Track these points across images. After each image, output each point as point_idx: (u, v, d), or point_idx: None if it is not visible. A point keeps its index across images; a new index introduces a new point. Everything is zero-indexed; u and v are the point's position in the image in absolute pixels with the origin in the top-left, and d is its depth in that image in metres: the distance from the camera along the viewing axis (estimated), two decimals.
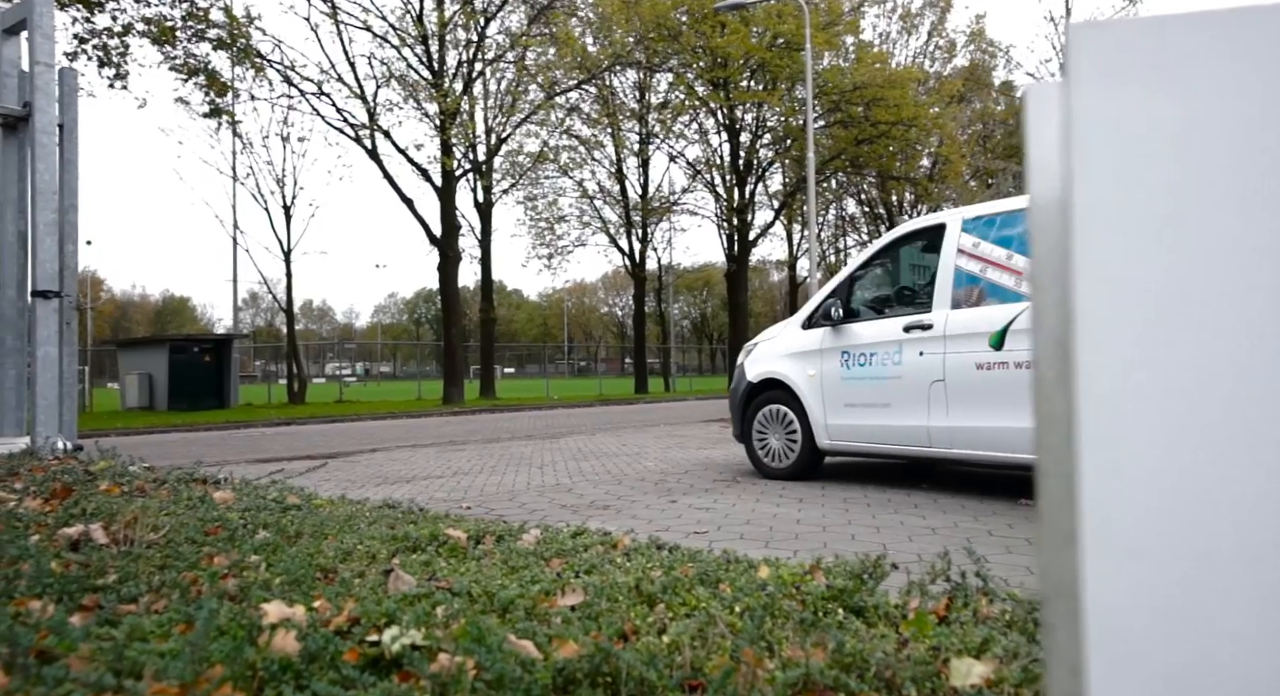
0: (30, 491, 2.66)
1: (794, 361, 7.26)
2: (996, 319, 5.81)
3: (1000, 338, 5.74)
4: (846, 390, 6.79)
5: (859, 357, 6.74)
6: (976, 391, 5.92)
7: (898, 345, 6.44)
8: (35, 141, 4.38)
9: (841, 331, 6.87)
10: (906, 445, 6.40)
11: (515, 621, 1.51)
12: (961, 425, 6.01)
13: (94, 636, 1.39)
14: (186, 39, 18.62)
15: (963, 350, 6.01)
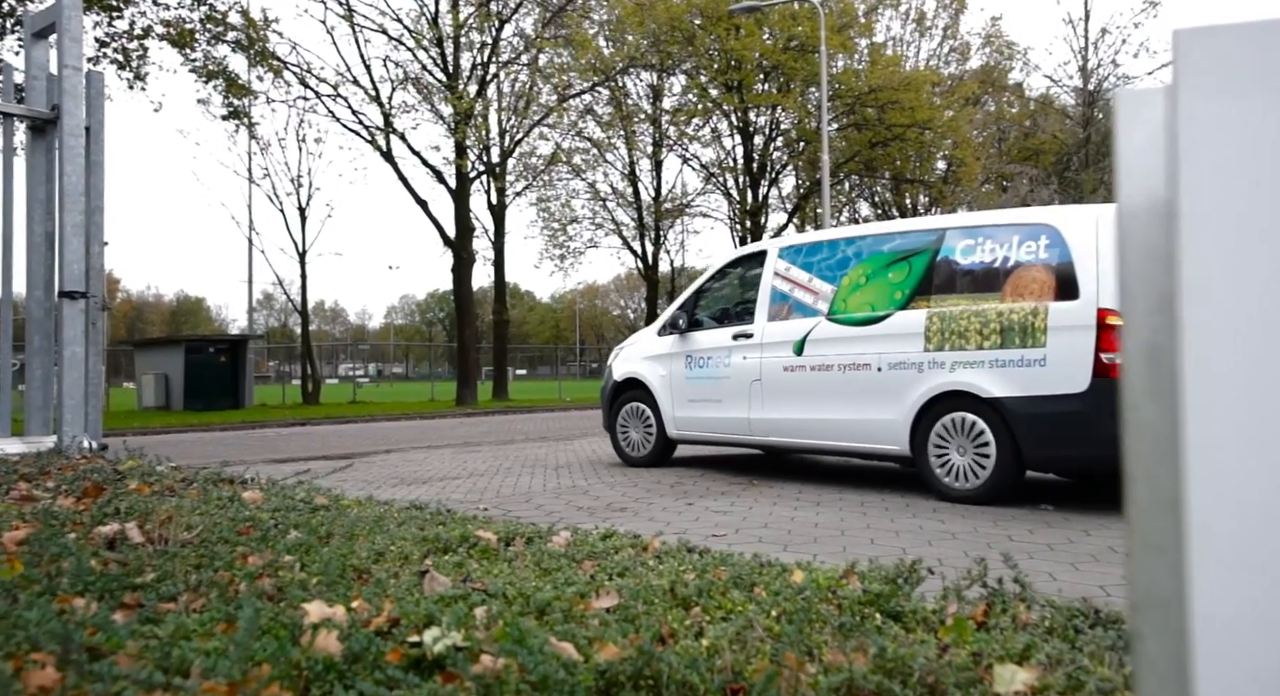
0: (62, 490, 2.68)
1: (650, 363, 8.30)
2: (799, 330, 7.05)
3: (800, 346, 7.01)
4: (689, 388, 7.87)
5: (699, 361, 7.82)
6: (783, 389, 7.12)
7: (727, 350, 7.57)
8: (63, 144, 4.42)
9: (687, 338, 7.97)
10: (733, 434, 7.58)
11: (553, 623, 1.51)
12: (773, 417, 7.22)
13: (138, 634, 1.40)
14: (206, 42, 18.74)
15: (774, 355, 7.19)
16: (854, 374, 6.72)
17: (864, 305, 6.79)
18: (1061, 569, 4.05)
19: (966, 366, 6.09)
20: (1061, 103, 17.76)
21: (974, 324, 6.11)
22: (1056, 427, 5.69)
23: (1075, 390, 5.59)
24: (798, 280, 7.19)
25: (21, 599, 1.51)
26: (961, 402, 6.13)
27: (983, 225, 6.42)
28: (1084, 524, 5.25)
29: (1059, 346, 5.69)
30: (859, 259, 6.95)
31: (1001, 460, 5.92)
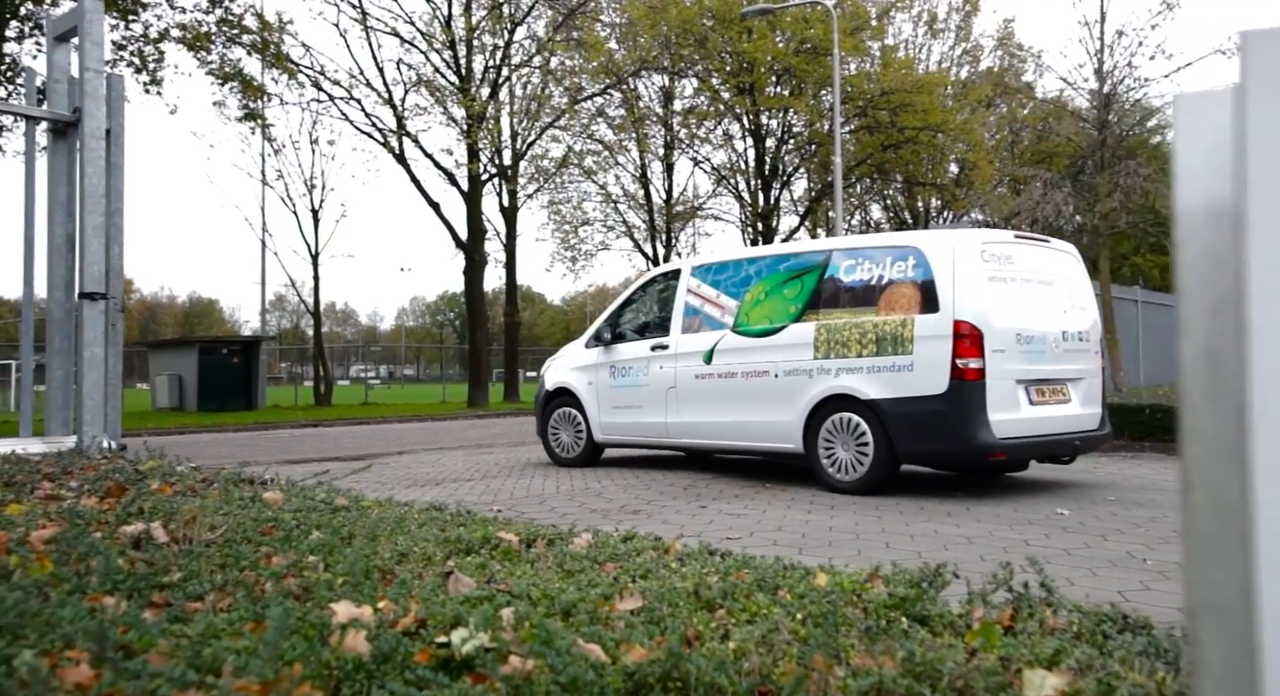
0: (85, 489, 2.70)
1: (578, 373, 8.93)
2: (708, 342, 7.73)
3: (710, 355, 7.69)
4: (613, 395, 8.47)
5: (621, 370, 8.44)
6: (695, 395, 7.79)
7: (646, 361, 8.21)
8: (84, 146, 4.45)
9: (611, 350, 8.59)
10: (653, 437, 8.22)
11: (579, 625, 1.51)
12: (687, 421, 7.87)
13: (168, 633, 1.41)
14: (221, 44, 18.86)
15: (687, 365, 7.86)
16: (755, 380, 7.40)
17: (764, 318, 7.46)
18: (1079, 574, 4.03)
19: (849, 372, 6.83)
20: (1075, 105, 17.70)
21: (854, 334, 6.84)
22: (922, 424, 6.44)
23: (936, 391, 6.34)
24: (707, 296, 7.90)
25: (53, 597, 1.53)
26: (845, 404, 6.84)
27: (862, 247, 7.21)
28: (1100, 529, 5.23)
29: (923, 353, 6.42)
30: (759, 277, 7.63)
31: (878, 454, 6.62)
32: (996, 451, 6.36)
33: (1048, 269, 7.04)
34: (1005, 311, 6.51)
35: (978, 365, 6.31)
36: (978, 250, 6.62)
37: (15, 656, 1.20)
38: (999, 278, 6.59)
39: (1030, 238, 7.36)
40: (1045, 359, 6.73)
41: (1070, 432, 6.84)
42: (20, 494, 2.54)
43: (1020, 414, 6.51)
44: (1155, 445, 9.60)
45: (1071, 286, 7.18)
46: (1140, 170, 12.72)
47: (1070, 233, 22.92)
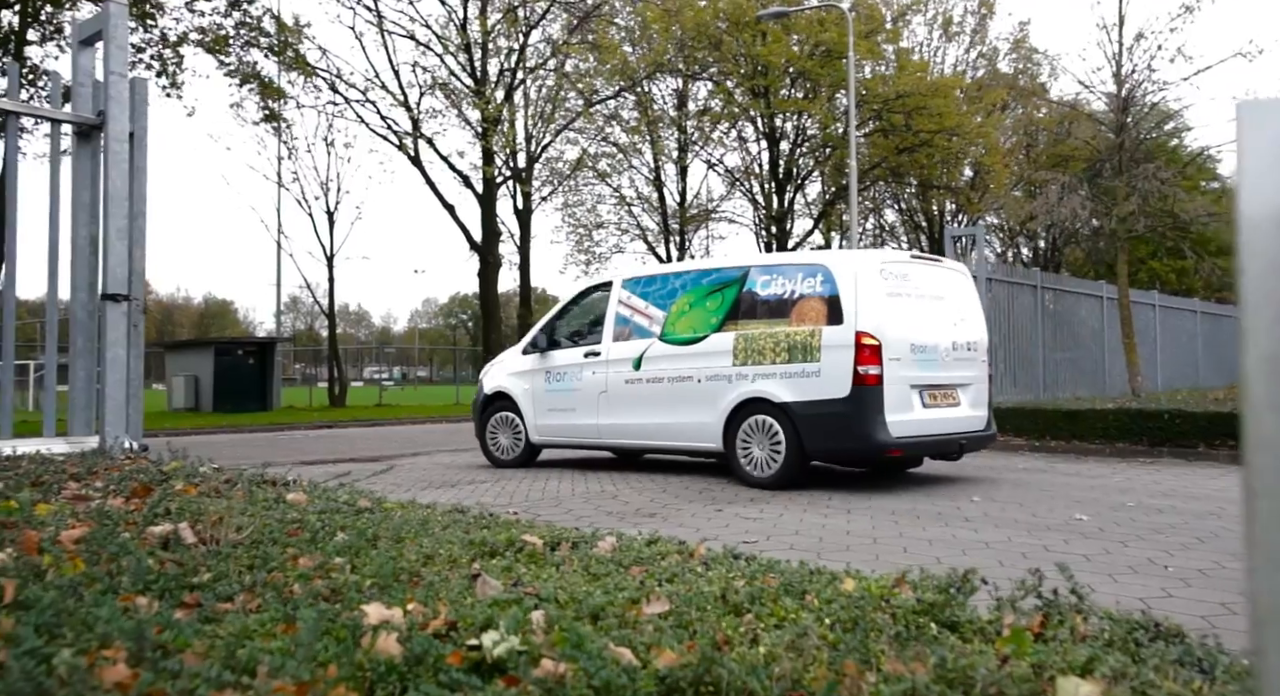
0: (110, 490, 2.72)
1: (515, 379, 9.33)
2: (638, 349, 8.26)
3: (639, 362, 8.22)
4: (549, 399, 8.91)
5: (556, 375, 8.89)
6: (625, 399, 8.29)
7: (580, 367, 8.68)
8: (108, 149, 4.48)
9: (546, 356, 9.04)
10: (586, 438, 8.69)
11: (609, 628, 1.52)
12: (617, 423, 8.37)
13: (202, 633, 1.42)
14: (239, 47, 18.99)
15: (618, 371, 8.35)
16: (680, 385, 7.96)
17: (688, 328, 8.07)
18: (1100, 580, 4.00)
19: (764, 377, 7.44)
20: (1092, 108, 17.58)
21: (769, 343, 7.46)
22: (828, 425, 7.10)
23: (841, 395, 7.02)
24: (637, 307, 8.46)
25: (87, 596, 1.54)
26: (760, 407, 7.44)
27: (776, 264, 7.90)
28: (1119, 535, 5.19)
29: (829, 361, 7.10)
30: (685, 290, 8.24)
31: (790, 452, 7.23)
32: (893, 448, 7.08)
33: (940, 286, 7.77)
34: (901, 323, 7.22)
35: (876, 371, 7.00)
36: (877, 268, 7.37)
37: (54, 655, 1.22)
38: (896, 293, 7.31)
39: (924, 257, 8.13)
40: (936, 366, 7.47)
41: (959, 433, 7.57)
42: (48, 494, 2.56)
43: (914, 415, 7.23)
44: (1174, 450, 9.54)
45: (961, 302, 7.92)
46: (1159, 174, 12.63)
47: (1087, 236, 22.80)
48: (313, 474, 6.56)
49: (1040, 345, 12.90)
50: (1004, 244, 38.69)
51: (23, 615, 1.40)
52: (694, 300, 8.09)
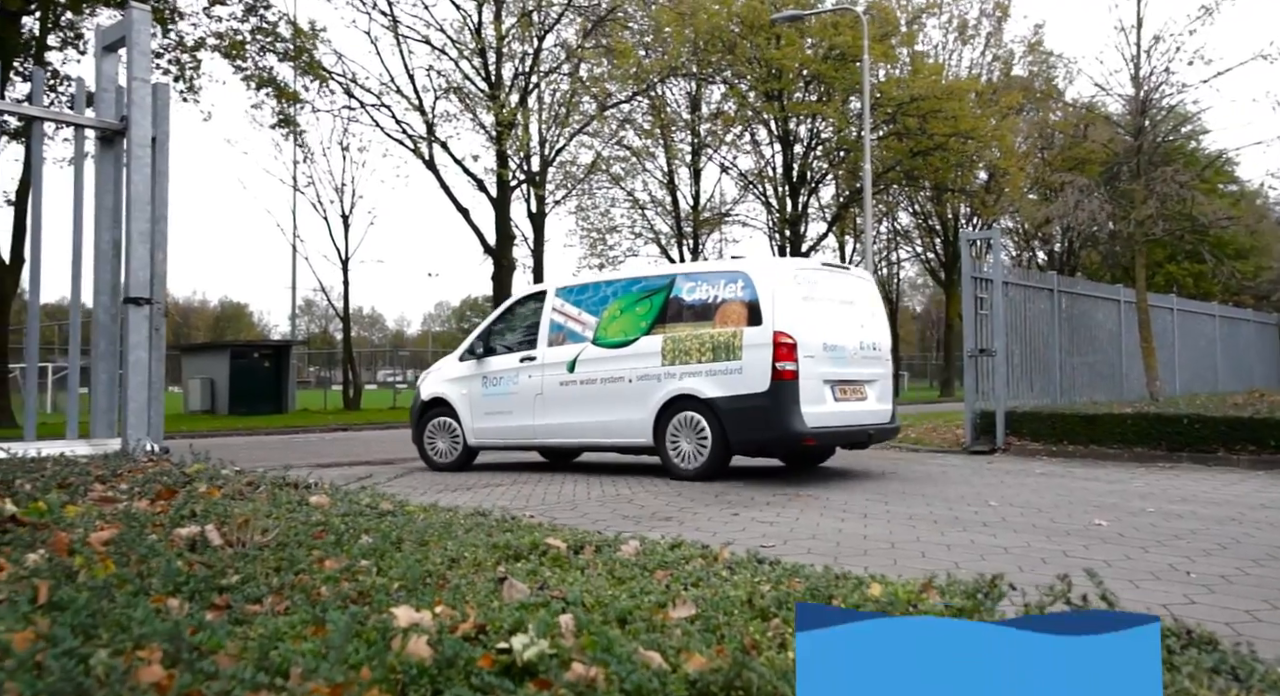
0: (135, 492, 2.74)
1: (452, 385, 9.66)
2: (571, 353, 8.76)
3: (573, 365, 8.71)
4: (486, 403, 9.27)
5: (493, 380, 9.28)
6: (560, 400, 8.76)
7: (516, 371, 9.13)
8: (131, 154, 4.52)
9: (483, 362, 9.45)
10: (523, 439, 9.10)
11: (637, 632, 1.52)
12: (553, 423, 8.81)
13: (233, 635, 1.43)
14: (256, 52, 19.12)
15: (553, 374, 8.82)
16: (612, 385, 8.46)
17: (619, 332, 8.60)
18: (1121, 586, 3.97)
19: (691, 376, 8.04)
20: (1108, 111, 17.49)
21: (695, 344, 8.06)
22: (749, 417, 7.72)
23: (761, 390, 7.65)
24: (570, 314, 8.98)
25: (119, 598, 1.55)
26: (688, 403, 8.03)
27: (700, 272, 8.57)
28: (1139, 541, 5.15)
29: (750, 359, 7.73)
30: (615, 297, 8.77)
31: (715, 445, 7.86)
32: (808, 438, 7.71)
33: (848, 291, 8.52)
34: (814, 324, 7.89)
35: (792, 368, 7.64)
36: (792, 275, 8.10)
37: (91, 655, 1.23)
38: (809, 297, 8.00)
39: (834, 265, 8.98)
40: (846, 363, 8.15)
41: (866, 424, 8.32)
42: (74, 495, 2.59)
43: (826, 408, 7.92)
44: (1193, 456, 9.46)
45: (868, 306, 8.69)
46: (1178, 177, 12.54)
47: (1104, 239, 22.64)
48: (330, 476, 6.60)
49: (1057, 349, 12.83)
50: (1019, 247, 38.51)
51: (58, 615, 1.42)
52: (624, 306, 8.68)
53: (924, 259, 41.53)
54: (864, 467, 9.32)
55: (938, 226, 37.56)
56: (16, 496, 2.44)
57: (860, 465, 9.58)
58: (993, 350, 11.25)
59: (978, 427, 11.24)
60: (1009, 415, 11.08)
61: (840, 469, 9.19)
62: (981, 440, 11.13)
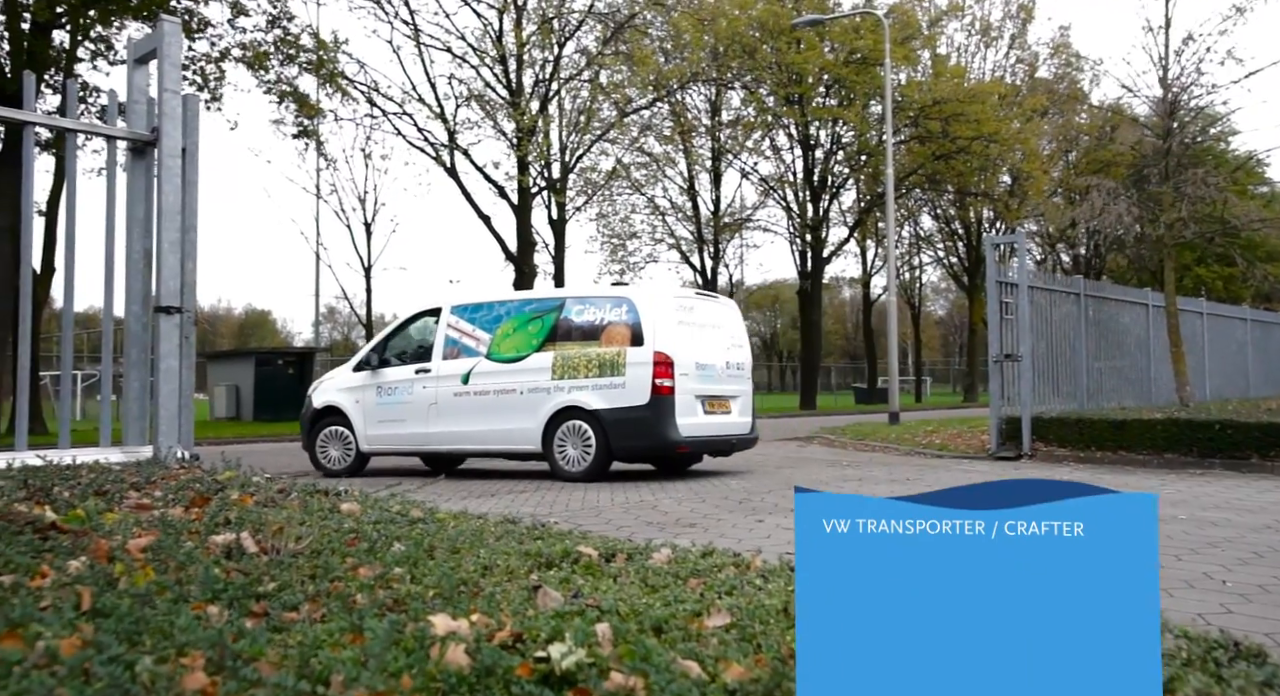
0: (169, 499, 2.77)
1: (346, 394, 10.14)
2: (466, 367, 9.44)
3: (467, 377, 9.39)
4: (379, 412, 9.82)
5: (388, 390, 9.84)
6: (454, 410, 9.41)
7: (411, 382, 9.73)
8: (162, 164, 4.57)
9: (378, 373, 9.98)
10: (415, 445, 9.73)
11: (673, 641, 1.51)
12: (446, 431, 9.45)
13: (273, 642, 1.44)
14: (279, 63, 19.30)
15: (447, 385, 9.47)
16: (504, 397, 9.21)
17: (512, 348, 9.35)
18: None
19: (578, 389, 8.89)
20: (1135, 112, 17.30)
21: (583, 361, 8.92)
22: (631, 427, 8.65)
23: (642, 403, 8.62)
24: (465, 330, 9.65)
25: (160, 604, 1.57)
26: (575, 414, 8.88)
27: (588, 295, 9.43)
28: (1172, 549, 5.08)
29: (632, 375, 8.68)
30: (509, 316, 9.53)
31: (599, 451, 8.74)
32: (682, 445, 8.80)
33: (717, 317, 9.55)
34: (688, 346, 8.92)
35: (670, 384, 8.64)
36: (671, 302, 9.13)
37: (137, 662, 1.24)
38: (685, 322, 9.02)
39: (705, 294, 10.11)
40: (715, 381, 9.18)
41: (730, 435, 9.37)
42: (111, 502, 2.61)
43: (698, 420, 8.95)
44: (1225, 462, 9.32)
45: (733, 330, 9.75)
46: (1209, 179, 12.38)
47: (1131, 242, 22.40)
48: (357, 482, 6.64)
49: (1083, 354, 12.69)
50: (1044, 251, 38.19)
51: (102, 622, 1.43)
52: (517, 325, 9.45)
53: (946, 263, 41.28)
54: (888, 473, 9.27)
55: (960, 230, 37.32)
56: (55, 503, 2.48)
57: (884, 470, 9.53)
58: (1018, 355, 11.15)
59: (1003, 433, 11.13)
60: (1035, 420, 10.97)
61: (864, 475, 9.15)
62: (1007, 446, 11.03)
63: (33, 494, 2.64)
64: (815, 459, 11.75)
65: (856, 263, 40.20)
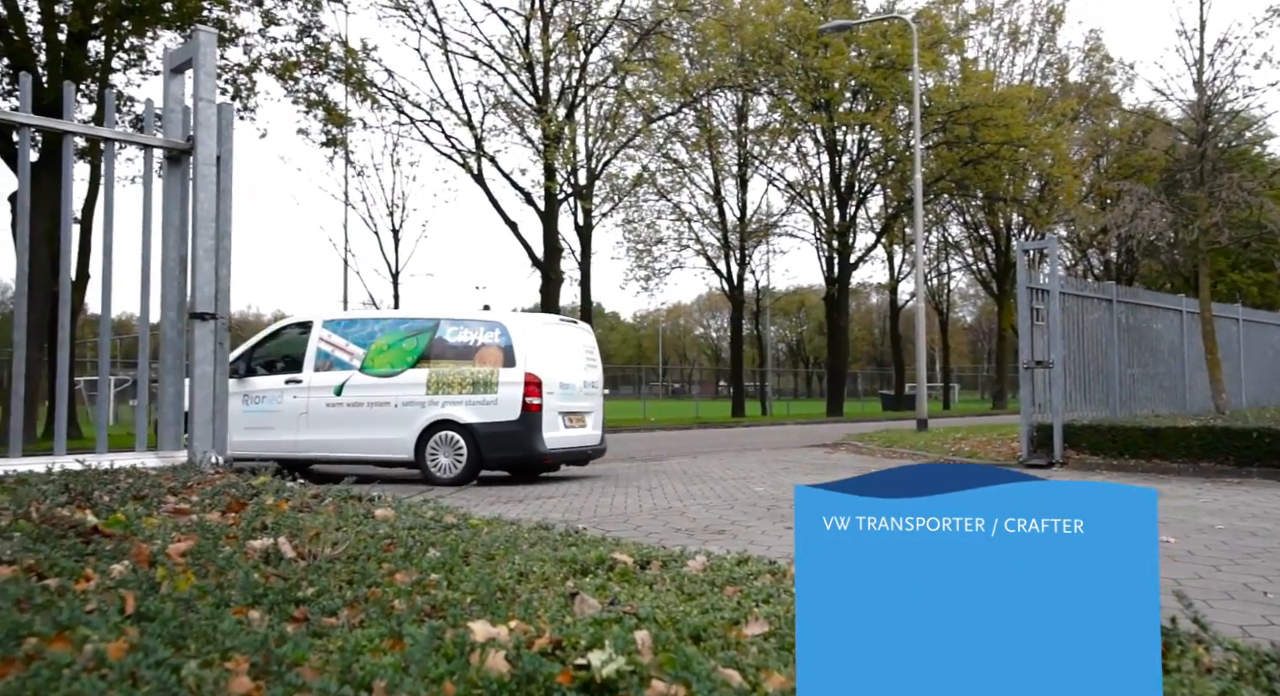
0: (206, 504, 2.80)
1: None
2: (339, 379, 10.05)
3: (340, 389, 9.99)
4: (246, 419, 10.18)
5: (255, 399, 10.30)
6: (326, 420, 10.01)
7: (280, 392, 10.26)
8: (197, 172, 4.62)
9: (244, 382, 10.36)
10: (282, 453, 10.14)
11: (712, 649, 1.50)
12: (316, 439, 10.03)
13: (315, 648, 1.45)
14: (309, 73, 19.52)
15: (319, 396, 10.07)
16: (379, 409, 9.88)
17: (386, 364, 10.03)
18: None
19: (452, 404, 9.68)
20: (1168, 116, 17.08)
21: (457, 378, 9.72)
22: (503, 439, 9.55)
23: (513, 418, 9.51)
24: (338, 344, 10.24)
25: (202, 609, 1.58)
26: (448, 426, 9.68)
27: (463, 319, 10.16)
28: (1210, 559, 5.00)
29: (505, 393, 9.56)
30: (383, 333, 10.23)
31: (470, 460, 9.57)
32: (547, 457, 9.75)
33: (576, 341, 10.55)
34: (553, 367, 9.85)
35: (538, 402, 9.56)
36: (539, 327, 10.16)
37: (182, 666, 1.25)
38: (550, 346, 9.99)
39: (566, 319, 11.16)
40: (574, 398, 10.16)
41: (586, 446, 10.36)
42: (149, 507, 2.64)
43: (560, 433, 9.90)
44: (1263, 471, 9.15)
45: (589, 351, 10.73)
46: (1244, 183, 12.18)
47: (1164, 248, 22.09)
48: (383, 487, 6.67)
49: (1115, 361, 12.52)
50: (1074, 256, 37.77)
51: (147, 626, 1.45)
52: (392, 342, 10.11)
53: (975, 269, 40.93)
54: None
55: (989, 236, 37.00)
56: (96, 508, 2.51)
57: None
58: (1050, 362, 11.02)
59: (1034, 441, 11.01)
60: (1067, 428, 10.83)
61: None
62: (1038, 453, 10.90)
63: (73, 498, 2.68)
64: (843, 465, 11.67)
65: (883, 268, 39.96)
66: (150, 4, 16.12)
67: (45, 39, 16.31)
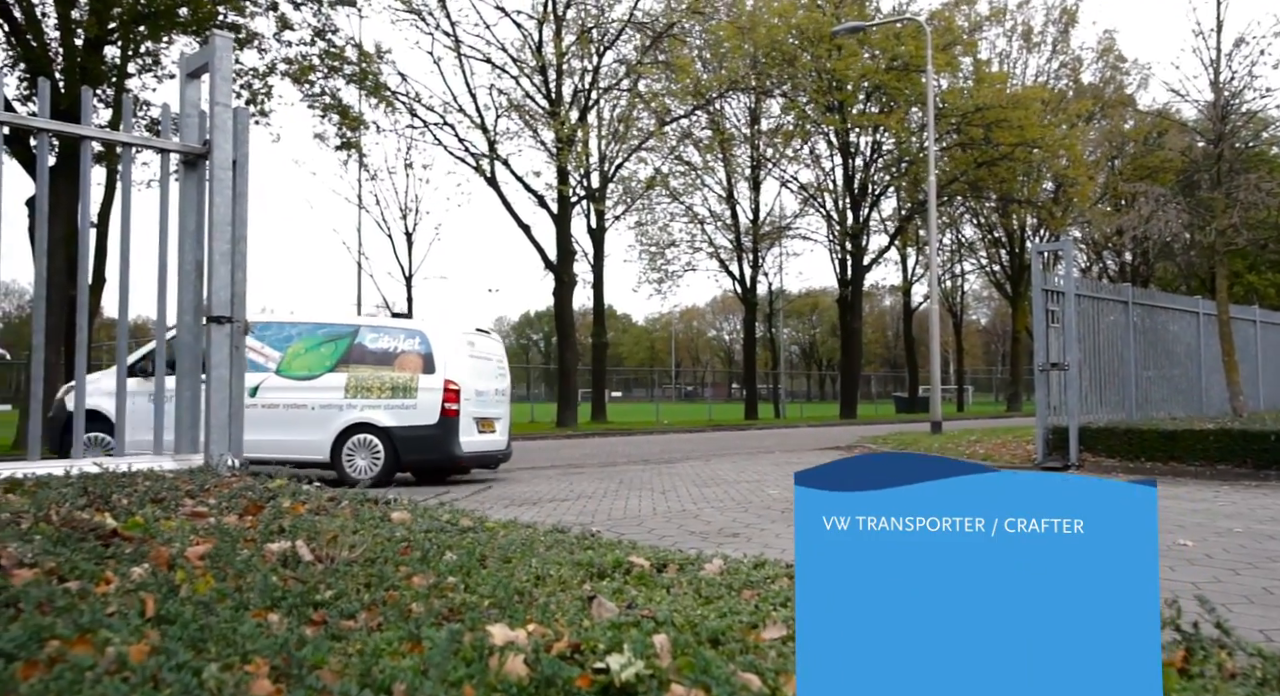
0: (223, 507, 2.81)
1: (110, 398, 11.00)
2: (253, 381, 10.01)
3: (255, 391, 10.05)
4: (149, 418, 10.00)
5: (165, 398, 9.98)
6: None
7: None
8: (213, 177, 4.65)
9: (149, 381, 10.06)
10: None
11: (731, 653, 1.50)
12: None
13: (334, 651, 1.45)
14: (323, 76, 19.62)
15: None
16: (294, 411, 10.13)
17: (303, 367, 10.30)
18: None
19: (371, 408, 10.04)
20: (1184, 117, 16.96)
21: (376, 383, 10.08)
22: (421, 443, 9.94)
23: (431, 422, 9.90)
24: (253, 346, 10.23)
25: (221, 612, 1.59)
26: (366, 429, 10.03)
27: (382, 326, 10.61)
28: (1229, 562, 4.95)
29: (423, 398, 9.96)
30: (300, 337, 10.45)
31: (387, 462, 9.95)
32: (462, 460, 10.21)
33: (490, 350, 11.05)
34: (470, 375, 10.30)
35: (455, 407, 9.95)
36: (458, 336, 10.41)
37: (203, 669, 1.26)
38: (468, 355, 10.38)
39: (483, 330, 11.34)
40: (486, 405, 10.64)
41: (495, 450, 10.82)
42: (168, 510, 2.66)
43: (474, 438, 10.32)
44: None
45: (500, 361, 11.34)
46: (1262, 184, 12.08)
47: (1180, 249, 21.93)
48: (400, 490, 6.69)
49: (1132, 363, 12.44)
50: (1089, 258, 37.55)
51: (167, 628, 1.45)
52: (309, 346, 10.37)
53: (989, 271, 40.75)
54: None
55: (1003, 238, 36.83)
56: (115, 511, 2.52)
57: None
58: (1065, 364, 10.95)
59: (1050, 443, 10.94)
60: (1083, 430, 10.76)
61: None
62: (1054, 456, 10.83)
63: (92, 501, 2.69)
64: None
65: (897, 270, 39.86)
66: (166, 9, 16.24)
67: (62, 44, 16.45)
